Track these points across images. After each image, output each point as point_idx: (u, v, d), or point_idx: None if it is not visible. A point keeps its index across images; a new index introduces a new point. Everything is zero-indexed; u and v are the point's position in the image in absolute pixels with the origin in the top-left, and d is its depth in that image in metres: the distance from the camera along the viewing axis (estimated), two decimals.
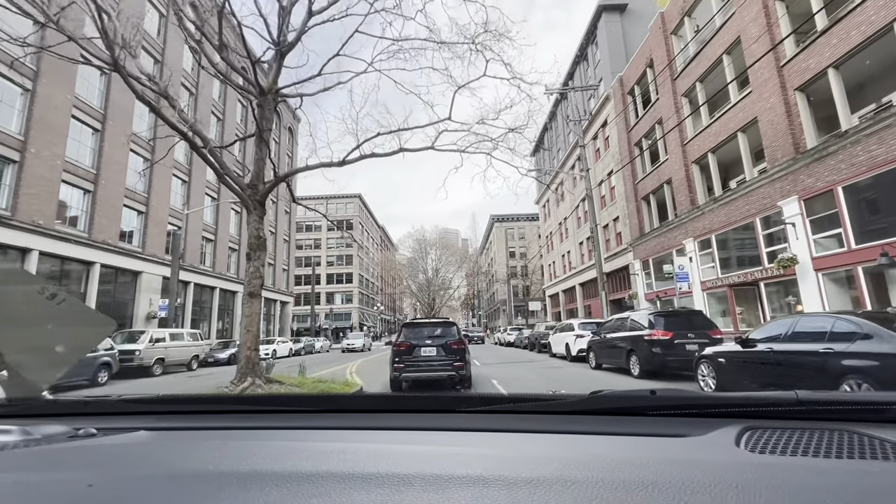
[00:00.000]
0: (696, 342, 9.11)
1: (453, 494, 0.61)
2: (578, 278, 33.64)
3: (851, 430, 0.87)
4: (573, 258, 35.04)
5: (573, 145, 30.83)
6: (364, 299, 72.46)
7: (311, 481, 0.66)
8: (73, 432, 0.97)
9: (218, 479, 0.68)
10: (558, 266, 39.92)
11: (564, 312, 38.41)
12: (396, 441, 0.97)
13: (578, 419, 1.05)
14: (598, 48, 29.10)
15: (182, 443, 0.97)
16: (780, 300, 14.10)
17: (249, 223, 8.74)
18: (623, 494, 0.59)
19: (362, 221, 73.74)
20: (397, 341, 9.33)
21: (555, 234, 40.19)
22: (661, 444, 0.86)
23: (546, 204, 43.88)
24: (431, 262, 68.27)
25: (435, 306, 68.54)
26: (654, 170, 21.61)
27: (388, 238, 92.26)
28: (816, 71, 12.27)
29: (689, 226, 18.28)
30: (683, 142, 18.73)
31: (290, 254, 44.99)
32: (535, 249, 61.65)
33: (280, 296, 41.84)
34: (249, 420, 1.19)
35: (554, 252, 41.44)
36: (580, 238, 33.24)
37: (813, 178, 12.22)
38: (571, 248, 35.51)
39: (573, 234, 34.89)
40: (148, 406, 1.28)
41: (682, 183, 18.80)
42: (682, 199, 18.85)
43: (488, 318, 77.83)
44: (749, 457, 0.76)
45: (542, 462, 0.74)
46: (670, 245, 19.91)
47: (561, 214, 38.36)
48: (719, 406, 1.03)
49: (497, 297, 70.21)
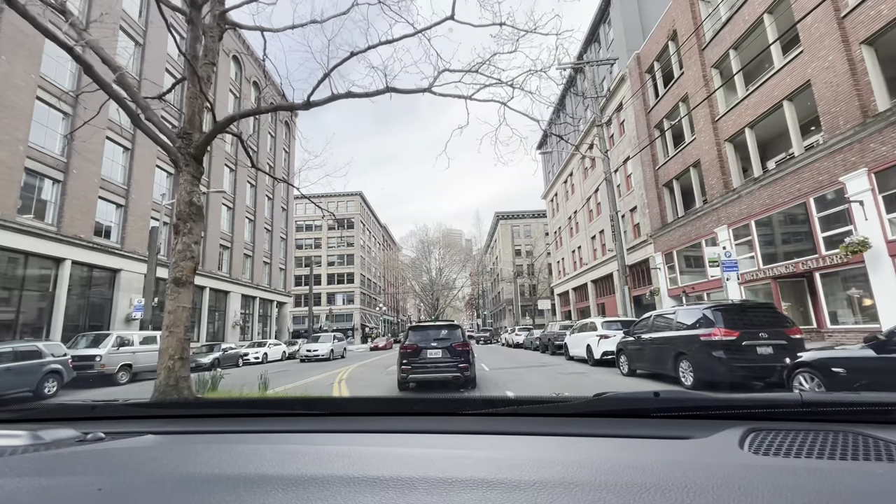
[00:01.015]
0: (769, 343, 7.14)
1: (457, 497, 0.61)
2: (591, 275, 31.63)
3: (856, 431, 0.86)
4: (585, 254, 33.03)
5: (588, 125, 28.49)
6: (366, 300, 70.65)
7: (316, 484, 0.66)
8: (81, 436, 0.97)
9: (225, 482, 0.68)
10: (568, 263, 37.92)
11: (575, 311, 36.40)
12: (401, 444, 0.97)
13: (582, 421, 1.06)
14: (612, 27, 27.11)
15: (189, 447, 0.95)
16: (841, 293, 12.08)
17: (179, 185, 6.67)
18: (627, 497, 0.59)
19: (363, 220, 71.98)
20: (404, 344, 9.49)
21: (564, 230, 38.20)
22: (665, 446, 0.86)
23: (554, 198, 41.88)
24: (435, 261, 66.49)
25: (438, 307, 66.72)
26: (678, 152, 19.62)
27: (390, 237, 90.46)
28: (890, 19, 10.28)
29: (722, 212, 16.28)
30: (714, 118, 16.74)
31: (287, 252, 43.22)
32: (541, 247, 59.72)
33: (277, 296, 40.06)
34: (255, 423, 1.20)
35: (563, 248, 39.44)
36: (592, 232, 31.23)
37: (888, 147, 10.21)
38: (582, 243, 33.50)
39: (584, 229, 32.88)
40: (155, 410, 1.30)
41: (713, 164, 16.80)
42: (714, 183, 16.86)
43: (494, 319, 75.80)
44: (753, 459, 0.76)
45: (546, 464, 0.74)
46: (699, 234, 17.91)
47: (570, 208, 36.36)
48: (723, 408, 1.03)
49: (502, 296, 68.21)
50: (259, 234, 36.90)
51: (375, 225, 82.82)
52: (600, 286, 30.81)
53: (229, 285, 31.50)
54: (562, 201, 38.96)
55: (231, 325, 31.45)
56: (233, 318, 31.65)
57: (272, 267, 39.26)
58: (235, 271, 32.47)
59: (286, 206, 43.66)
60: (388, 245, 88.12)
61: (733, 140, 16.15)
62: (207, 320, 28.90)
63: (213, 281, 29.30)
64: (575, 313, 36.45)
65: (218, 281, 30.01)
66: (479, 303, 79.26)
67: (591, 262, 31.38)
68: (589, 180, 31.49)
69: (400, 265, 76.25)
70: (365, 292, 70.34)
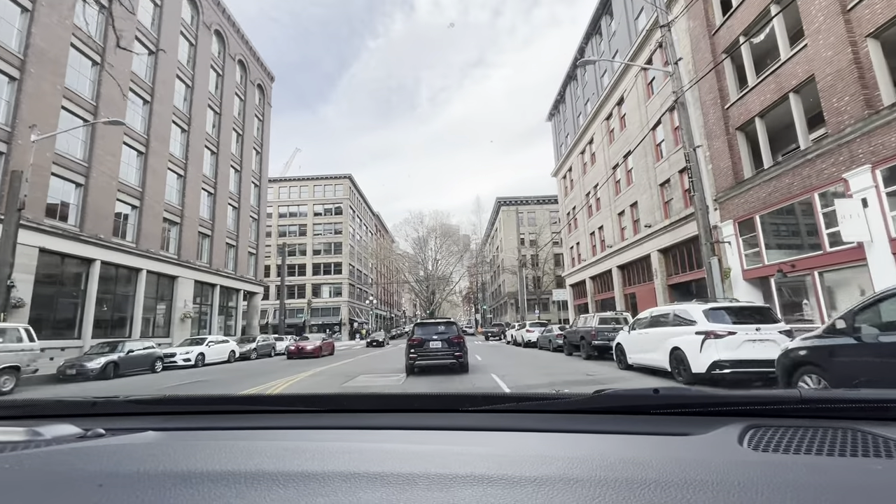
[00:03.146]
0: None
1: (457, 493, 0.61)
2: (617, 259, 26.09)
3: (855, 427, 0.86)
4: (609, 234, 27.47)
5: (643, 33, 21.55)
6: (355, 292, 64.98)
7: (316, 480, 0.66)
8: (81, 433, 0.98)
9: (225, 478, 0.68)
10: (585, 247, 32.36)
11: (593, 304, 30.89)
12: (401, 440, 0.97)
13: (582, 418, 1.06)
14: None
15: (190, 443, 0.95)
16: None
17: None
18: (626, 493, 0.59)
19: (353, 206, 66.18)
20: (411, 337, 11.78)
21: (580, 210, 32.63)
22: (665, 442, 0.86)
23: (567, 175, 36.26)
24: (431, 251, 60.88)
25: (435, 300, 61.21)
26: (764, 78, 14.01)
27: (383, 226, 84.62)
28: None
29: (860, 145, 10.73)
30: (846, 6, 11.15)
31: (259, 234, 37.46)
32: (547, 236, 54.19)
33: (245, 285, 34.35)
34: (256, 420, 1.20)
35: (578, 231, 33.88)
36: (621, 206, 25.66)
37: None
38: (606, 222, 27.95)
39: (609, 205, 27.32)
40: (155, 406, 1.29)
41: (842, 77, 11.22)
42: (842, 105, 11.28)
43: (494, 314, 70.29)
44: (752, 455, 0.75)
45: (546, 461, 0.73)
46: (804, 188, 12.38)
47: (589, 183, 30.77)
48: (722, 404, 1.03)
49: (504, 289, 62.67)
50: (221, 210, 31.17)
51: (367, 212, 77.06)
52: (630, 273, 25.28)
53: (177, 269, 25.80)
54: (577, 177, 33.34)
55: (179, 318, 25.78)
56: (182, 309, 25.97)
57: (238, 250, 33.54)
58: (187, 252, 26.76)
59: (258, 181, 37.89)
60: (382, 234, 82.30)
61: (881, 34, 10.56)
62: (145, 311, 23.20)
63: (152, 262, 23.59)
64: (593, 306, 30.94)
65: (160, 262, 24.29)
66: (478, 297, 73.67)
67: (618, 244, 25.82)
68: (617, 143, 25.88)
69: (394, 256, 70.64)
70: (354, 284, 64.66)
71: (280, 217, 62.81)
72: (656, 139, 21.39)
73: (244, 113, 35.73)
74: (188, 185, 27.40)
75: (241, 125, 35.23)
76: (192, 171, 27.78)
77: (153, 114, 24.37)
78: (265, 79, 40.17)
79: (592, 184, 30.08)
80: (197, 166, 28.45)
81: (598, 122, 28.38)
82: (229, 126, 33.01)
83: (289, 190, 64.02)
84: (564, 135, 36.86)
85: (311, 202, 63.51)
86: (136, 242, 22.76)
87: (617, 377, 9.76)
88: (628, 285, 25.60)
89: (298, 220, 63.09)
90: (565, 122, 36.66)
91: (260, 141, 38.70)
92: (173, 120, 26.34)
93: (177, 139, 26.98)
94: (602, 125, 27.88)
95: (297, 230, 62.94)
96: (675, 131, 19.83)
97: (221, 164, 31.50)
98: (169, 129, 25.84)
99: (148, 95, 24.31)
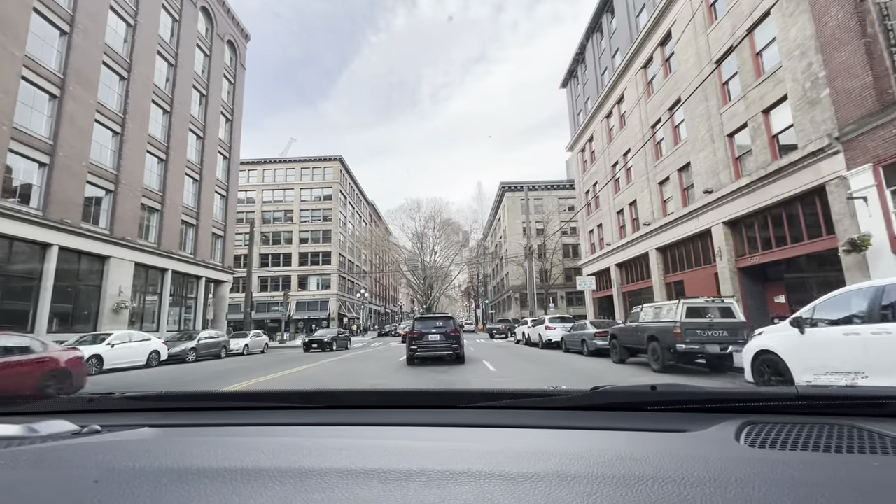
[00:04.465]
0: None
1: (455, 489, 0.61)
2: (655, 239, 20.98)
3: (851, 424, 0.86)
4: (644, 210, 22.34)
5: None
6: (346, 285, 59.81)
7: (313, 476, 0.66)
8: (77, 429, 0.96)
9: (222, 474, 0.67)
10: (610, 229, 27.23)
11: (620, 296, 25.82)
12: (398, 437, 0.97)
13: (579, 415, 1.05)
14: None
15: (186, 439, 0.95)
16: None
17: None
18: (623, 489, 0.59)
19: (344, 191, 60.87)
20: (411, 330, 12.83)
21: (603, 186, 27.50)
22: (662, 438, 0.86)
23: (587, 146, 31.09)
24: (429, 241, 55.72)
25: (433, 295, 56.10)
26: None
27: (378, 216, 79.29)
28: None
29: None
30: None
31: (228, 214, 32.24)
32: (555, 224, 49.13)
33: (208, 271, 29.17)
34: (252, 416, 1.19)
35: (601, 212, 28.76)
36: (663, 173, 20.52)
37: None
38: (640, 195, 22.82)
39: (645, 174, 22.18)
40: (151, 403, 1.29)
41: None
42: None
43: (496, 309, 65.20)
44: (749, 451, 0.76)
45: (543, 457, 0.73)
46: None
47: (617, 151, 25.62)
48: (719, 401, 1.03)
49: (507, 282, 57.61)
50: (176, 180, 25.94)
51: (361, 200, 71.78)
52: (676, 255, 20.17)
53: (108, 247, 20.60)
54: (600, 147, 28.16)
55: (111, 308, 20.60)
56: (115, 298, 20.79)
57: (199, 230, 28.33)
58: (123, 227, 21.55)
59: (228, 153, 32.64)
60: (377, 224, 76.98)
61: None
62: (58, 298, 18.02)
63: (69, 237, 18.39)
64: (619, 299, 25.88)
65: (82, 238, 19.09)
66: (478, 291, 68.51)
67: (658, 221, 20.71)
68: (658, 95, 20.72)
69: (389, 245, 65.43)
70: (345, 276, 59.47)
71: (265, 203, 57.55)
72: (723, 76, 16.23)
73: (209, 71, 30.41)
74: (127, 144, 22.13)
75: (205, 84, 29.93)
76: (132, 128, 22.51)
77: (72, 48, 19.10)
78: (238, 37, 34.82)
79: (621, 151, 24.92)
80: (140, 123, 23.18)
81: (632, 73, 23.17)
82: (188, 82, 27.74)
83: (274, 173, 58.66)
84: (584, 100, 31.64)
85: (299, 186, 58.18)
86: (42, 210, 17.54)
87: None
88: (672, 271, 20.49)
89: (284, 205, 57.77)
90: (584, 85, 31.44)
91: (231, 107, 33.41)
92: (104, 61, 21.07)
93: (112, 87, 21.71)
94: (636, 77, 22.68)
95: (283, 216, 57.64)
96: (756, 58, 14.66)
97: (177, 126, 26.24)
98: (98, 70, 20.58)
99: (67, 26, 19.05)
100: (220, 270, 30.76)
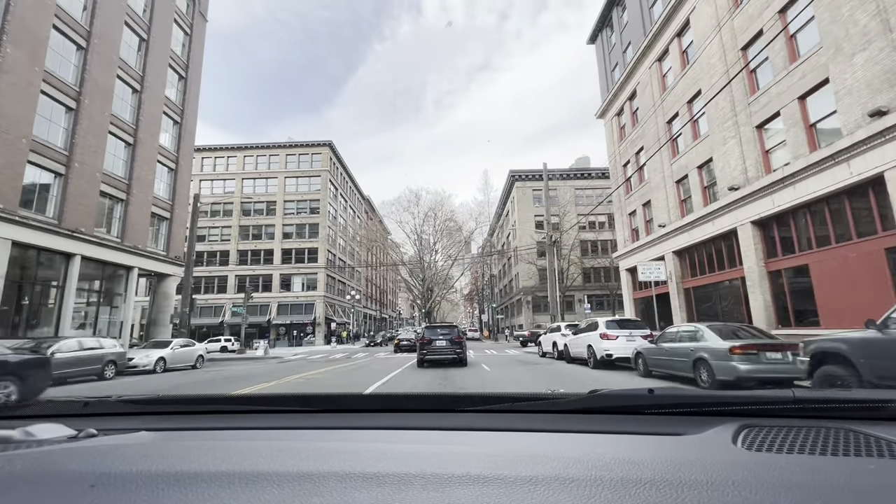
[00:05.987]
0: None
1: (453, 493, 0.61)
2: (749, 208, 14.47)
3: (847, 427, 0.86)
4: (726, 171, 15.83)
5: None
6: (335, 286, 53.28)
7: (311, 480, 0.66)
8: (73, 433, 0.96)
9: (219, 478, 0.67)
10: (664, 207, 20.72)
11: (680, 296, 19.27)
12: (397, 440, 0.97)
13: (577, 418, 1.05)
14: None
15: (183, 443, 0.94)
16: None
17: None
18: (621, 492, 0.59)
19: (334, 181, 54.51)
20: (421, 337, 15.18)
21: (655, 151, 21.06)
22: (659, 442, 0.86)
23: (625, 106, 24.69)
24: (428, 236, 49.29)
25: (433, 297, 49.57)
26: None
27: (372, 210, 72.82)
28: None
29: None
30: None
31: (176, 192, 25.81)
32: (572, 217, 42.63)
33: (143, 261, 22.70)
34: (250, 420, 1.19)
35: (648, 187, 22.30)
36: (762, 114, 14.04)
37: None
38: (718, 152, 16.33)
39: (729, 120, 15.71)
40: (148, 407, 1.27)
41: None
42: None
43: (504, 314, 58.53)
44: (746, 455, 0.76)
45: (541, 461, 0.73)
46: None
47: (677, 101, 19.19)
48: (717, 404, 1.03)
49: (517, 284, 51.00)
50: (90, 136, 19.56)
51: (354, 193, 65.50)
52: (792, 229, 13.61)
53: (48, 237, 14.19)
54: (648, 102, 21.73)
55: None
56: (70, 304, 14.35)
57: (130, 207, 21.90)
58: None
59: (179, 117, 26.31)
60: (370, 218, 70.54)
61: None
62: None
63: None
64: (679, 300, 19.30)
65: None
66: (483, 293, 61.83)
67: (755, 183, 14.21)
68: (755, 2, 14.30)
69: (386, 243, 59.01)
70: (334, 276, 52.95)
71: (244, 191, 51.23)
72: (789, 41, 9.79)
73: (152, 10, 24.18)
74: (6, 78, 15.81)
75: (147, 27, 23.69)
76: (15, 56, 16.21)
77: None
78: None
79: (686, 97, 18.50)
80: (34, 56, 16.89)
81: None
82: (118, 19, 21.49)
83: (256, 160, 52.37)
84: (621, 49, 25.25)
85: (283, 174, 51.86)
86: None
87: None
88: (783, 254, 13.96)
89: (267, 196, 51.44)
90: (623, 31, 25.07)
91: (185, 62, 27.16)
92: None
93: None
94: None
95: (265, 208, 51.31)
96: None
97: (96, 70, 19.93)
98: None
99: None
100: (163, 261, 24.25)
